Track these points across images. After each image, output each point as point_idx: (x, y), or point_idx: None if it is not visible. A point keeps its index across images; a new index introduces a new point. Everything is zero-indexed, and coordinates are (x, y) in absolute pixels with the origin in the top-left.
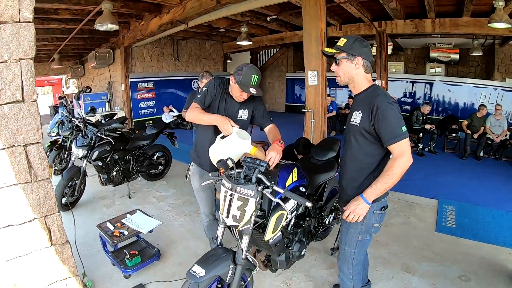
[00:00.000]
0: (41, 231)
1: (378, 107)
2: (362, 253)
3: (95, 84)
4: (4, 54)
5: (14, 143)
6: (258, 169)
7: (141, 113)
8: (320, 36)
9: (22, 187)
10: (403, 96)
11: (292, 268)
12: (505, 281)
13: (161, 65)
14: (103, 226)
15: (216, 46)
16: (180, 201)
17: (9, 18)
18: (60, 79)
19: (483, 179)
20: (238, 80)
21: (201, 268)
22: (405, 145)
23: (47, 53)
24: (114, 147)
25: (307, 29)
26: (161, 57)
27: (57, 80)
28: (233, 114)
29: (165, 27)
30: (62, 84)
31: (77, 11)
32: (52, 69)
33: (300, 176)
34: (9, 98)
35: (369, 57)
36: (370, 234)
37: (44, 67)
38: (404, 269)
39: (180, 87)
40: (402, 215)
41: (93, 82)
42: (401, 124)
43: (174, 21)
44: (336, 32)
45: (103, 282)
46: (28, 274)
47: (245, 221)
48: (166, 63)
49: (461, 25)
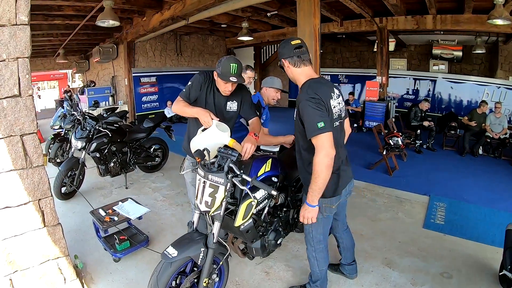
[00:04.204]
0: (35, 213)
1: (298, 102)
2: (320, 232)
3: (100, 79)
4: (3, 53)
5: (11, 133)
6: (230, 159)
7: (144, 107)
8: (314, 32)
9: (18, 172)
10: (406, 93)
11: (273, 257)
12: (489, 279)
13: (164, 60)
14: (96, 212)
15: (219, 41)
16: (174, 192)
17: (7, 21)
18: (65, 74)
19: (479, 177)
20: (219, 72)
21: (174, 249)
22: (321, 140)
23: (52, 48)
24: (112, 139)
25: (301, 25)
26: (164, 52)
27: (63, 75)
28: (222, 107)
29: (166, 23)
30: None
31: (80, 7)
32: (58, 64)
33: (273, 167)
34: (8, 93)
35: (289, 53)
36: (321, 213)
37: (49, 62)
38: (385, 263)
39: (183, 82)
40: (391, 211)
41: (98, 76)
42: (316, 120)
43: (174, 17)
44: (337, 28)
45: (94, 265)
46: (23, 252)
47: (216, 207)
48: (169, 58)
49: (462, 21)
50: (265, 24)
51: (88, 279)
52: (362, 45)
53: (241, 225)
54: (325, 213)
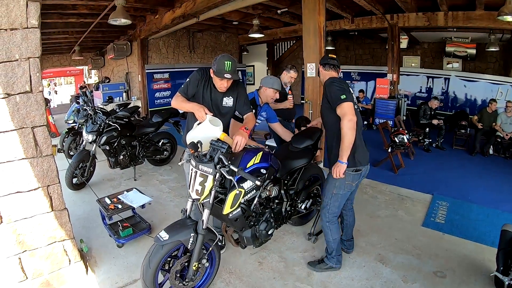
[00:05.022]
0: (44, 198)
1: (325, 85)
2: (336, 206)
3: (114, 75)
4: (16, 54)
5: (23, 125)
6: (220, 151)
7: (157, 102)
8: (319, 29)
9: (29, 161)
10: (419, 91)
11: (267, 248)
12: (484, 281)
13: (177, 57)
14: (102, 201)
15: (232, 38)
16: (180, 184)
17: (19, 25)
18: (81, 70)
19: (487, 178)
20: (214, 69)
21: (166, 233)
22: (345, 107)
23: (68, 45)
24: (121, 133)
25: (305, 22)
26: (177, 49)
27: (79, 71)
28: (218, 102)
29: (178, 21)
30: (84, 74)
31: (94, 6)
32: (74, 60)
33: (263, 160)
34: (20, 89)
35: (324, 60)
36: (343, 189)
37: (65, 59)
38: (379, 259)
39: None
40: (391, 208)
41: (113, 72)
42: (340, 93)
43: (185, 14)
44: (348, 25)
45: (99, 249)
46: (32, 234)
47: (205, 195)
48: (181, 54)
49: (474, 18)
50: (277, 21)
51: (92, 262)
52: (375, 42)
53: (229, 213)
54: (346, 189)
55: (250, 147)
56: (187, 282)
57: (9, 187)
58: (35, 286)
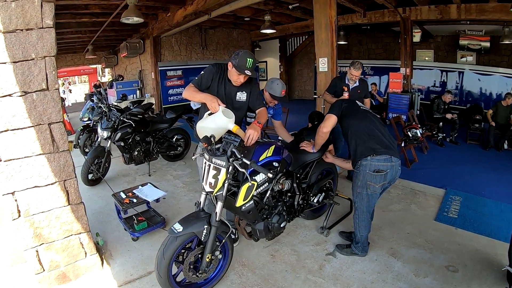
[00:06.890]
0: (61, 193)
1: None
2: (364, 205)
3: (128, 73)
4: (32, 53)
5: (40, 122)
6: (233, 144)
7: (170, 99)
8: (330, 23)
9: (46, 156)
10: (433, 85)
11: (280, 241)
12: (496, 275)
13: (190, 54)
14: (117, 195)
15: (244, 34)
16: (194, 179)
17: (35, 25)
18: (95, 68)
19: (501, 172)
20: (235, 63)
21: (180, 225)
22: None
23: (82, 44)
24: (135, 129)
25: (317, 17)
26: (189, 46)
27: (92, 70)
28: (232, 96)
29: (189, 18)
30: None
31: (106, 5)
32: (87, 59)
33: (276, 153)
34: (37, 87)
35: None
36: (366, 190)
37: (79, 57)
38: (390, 253)
39: None
40: (403, 202)
41: (126, 70)
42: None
43: (197, 11)
44: (360, 19)
45: (114, 243)
46: (49, 227)
47: (218, 188)
48: (194, 51)
49: (488, 10)
50: (288, 16)
51: (108, 255)
52: (388, 36)
53: (242, 205)
54: (369, 190)
55: (262, 141)
56: (201, 274)
57: (27, 182)
58: (52, 278)
